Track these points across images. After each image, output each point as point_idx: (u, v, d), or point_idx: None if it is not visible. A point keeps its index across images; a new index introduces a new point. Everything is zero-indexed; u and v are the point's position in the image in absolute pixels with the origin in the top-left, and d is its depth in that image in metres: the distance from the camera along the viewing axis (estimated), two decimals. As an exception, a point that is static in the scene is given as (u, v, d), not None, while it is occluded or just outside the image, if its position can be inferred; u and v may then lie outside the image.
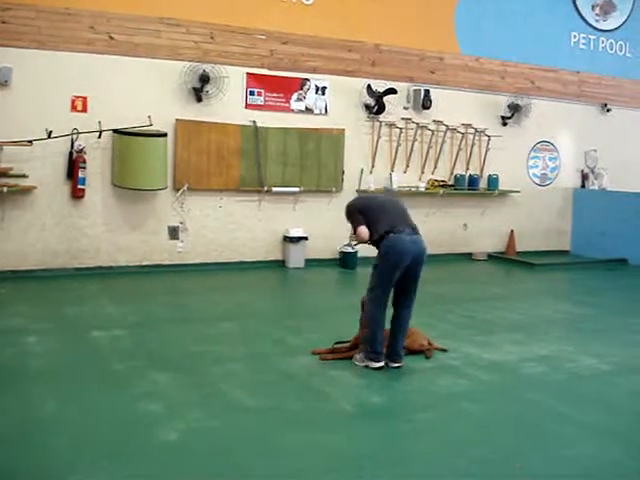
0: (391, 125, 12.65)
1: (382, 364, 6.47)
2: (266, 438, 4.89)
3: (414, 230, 6.65)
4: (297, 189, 11.88)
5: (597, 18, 14.84)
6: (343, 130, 12.27)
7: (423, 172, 13.06)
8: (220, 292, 9.99)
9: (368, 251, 12.38)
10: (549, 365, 6.85)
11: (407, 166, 12.88)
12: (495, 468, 4.58)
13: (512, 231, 14.06)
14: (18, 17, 9.84)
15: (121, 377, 6.08)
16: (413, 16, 12.62)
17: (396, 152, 12.72)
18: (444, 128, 13.11)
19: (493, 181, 13.68)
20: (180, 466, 4.41)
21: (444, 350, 7.08)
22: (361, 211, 6.74)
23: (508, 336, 7.90)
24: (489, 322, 8.59)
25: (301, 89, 11.90)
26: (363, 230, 6.60)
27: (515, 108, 13.68)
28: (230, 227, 11.53)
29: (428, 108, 12.84)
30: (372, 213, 6.70)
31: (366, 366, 6.47)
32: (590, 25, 14.76)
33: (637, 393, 6.23)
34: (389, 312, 6.59)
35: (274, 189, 11.69)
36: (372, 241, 6.64)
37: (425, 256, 6.61)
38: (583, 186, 15.06)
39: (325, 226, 12.13)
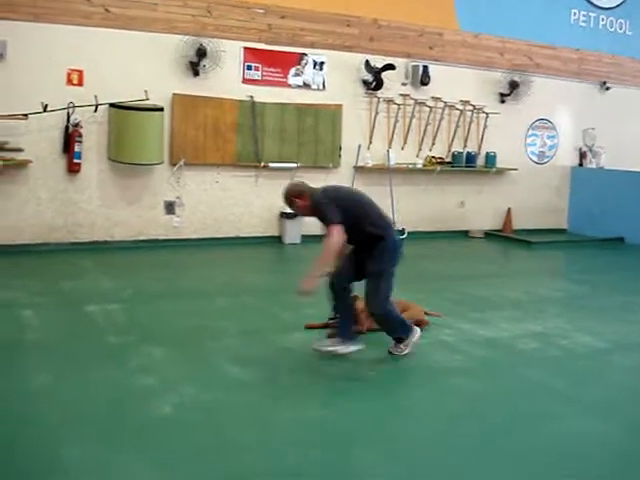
0: (389, 101, 12.58)
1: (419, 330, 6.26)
2: (259, 413, 4.91)
3: None
4: (294, 165, 11.84)
5: (598, -5, 14.73)
6: (341, 106, 12.20)
7: (421, 149, 13.02)
8: (216, 267, 9.99)
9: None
10: (544, 342, 6.86)
11: (405, 142, 12.83)
12: (485, 443, 4.59)
13: (509, 209, 14.04)
14: (13, -11, 9.75)
15: (116, 351, 6.08)
16: (412, -9, 12.53)
17: (394, 128, 12.66)
18: (442, 105, 13.04)
19: (491, 158, 13.64)
20: (173, 439, 4.42)
21: (438, 316, 7.19)
22: (338, 202, 5.76)
23: (503, 313, 7.91)
24: (485, 299, 8.59)
25: (299, 64, 11.82)
26: (339, 232, 5.61)
27: (514, 85, 13.61)
28: (227, 202, 11.50)
29: (426, 84, 12.76)
30: (357, 205, 5.93)
31: (414, 345, 6.17)
32: (590, 2, 14.63)
33: (631, 370, 6.25)
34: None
35: (271, 165, 11.64)
36: (359, 240, 5.90)
37: None
38: (581, 164, 15.02)
39: (322, 202, 12.08)
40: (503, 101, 13.70)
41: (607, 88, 14.97)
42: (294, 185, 6.04)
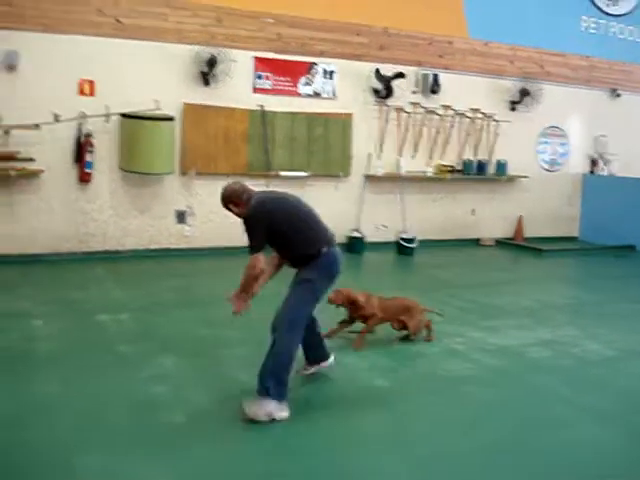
0: (399, 110, 12.59)
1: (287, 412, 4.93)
2: (273, 421, 4.91)
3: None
4: (305, 174, 11.85)
5: (608, 2, 14.70)
6: (351, 114, 12.22)
7: (431, 157, 13.02)
8: (227, 276, 9.90)
9: (378, 235, 12.44)
10: (555, 350, 6.85)
11: (415, 151, 12.84)
12: (497, 450, 4.59)
13: (520, 217, 14.02)
14: None
15: (128, 360, 6.10)
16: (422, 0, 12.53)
17: (404, 137, 12.68)
18: (452, 113, 13.05)
19: (502, 166, 13.62)
20: (185, 448, 4.42)
21: (440, 315, 7.18)
22: (274, 215, 5.16)
23: (514, 321, 7.90)
24: (496, 307, 8.58)
25: (309, 73, 11.85)
26: (259, 261, 5.13)
27: (524, 93, 13.60)
28: (237, 211, 11.49)
29: (436, 92, 12.78)
30: (294, 220, 5.23)
31: (272, 419, 4.84)
32: (600, 9, 14.63)
33: (641, 378, 6.23)
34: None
35: (282, 173, 11.66)
36: (294, 258, 5.34)
37: None
38: (592, 172, 14.99)
39: (332, 211, 11.97)
40: (514, 109, 13.69)
41: (618, 95, 14.95)
42: (230, 188, 5.36)
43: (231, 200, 5.27)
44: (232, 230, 11.41)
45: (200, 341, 6.70)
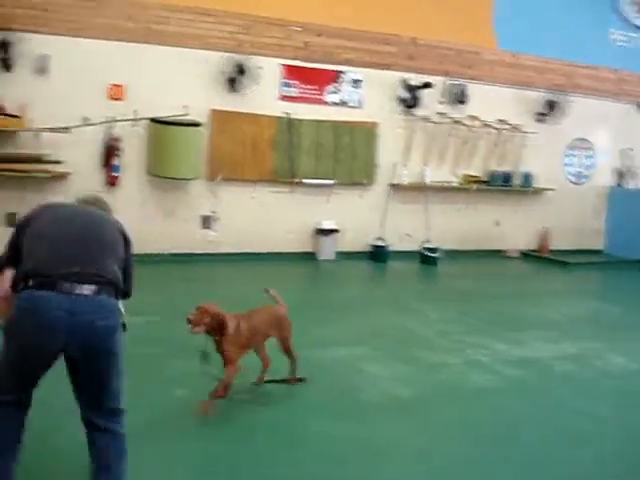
0: (426, 119, 12.59)
1: None
2: (291, 427, 4.92)
3: (97, 281, 3.54)
4: (330, 181, 11.87)
5: (637, 15, 14.62)
6: (377, 123, 12.23)
7: (457, 167, 12.99)
8: (248, 282, 9.94)
9: (402, 245, 12.44)
10: (578, 363, 6.81)
11: (441, 161, 12.82)
12: (520, 465, 4.56)
13: (546, 229, 13.94)
14: (56, 5, 9.93)
15: (151, 362, 6.10)
16: (450, 10, 12.49)
17: (430, 146, 12.66)
18: (479, 123, 13.02)
19: (528, 178, 13.56)
20: (200, 454, 4.43)
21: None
22: (20, 232, 3.69)
23: (538, 333, 7.86)
24: (520, 319, 8.54)
25: (335, 81, 11.88)
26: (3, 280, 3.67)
27: (551, 105, 13.55)
28: (262, 218, 11.54)
29: (463, 103, 12.77)
30: (34, 236, 3.63)
31: None
32: (630, 22, 14.56)
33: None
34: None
35: (307, 181, 11.69)
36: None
37: (108, 343, 3.51)
38: (619, 185, 14.90)
39: (357, 219, 12.12)
40: (541, 120, 13.64)
41: (645, 109, 14.87)
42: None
43: None
44: (257, 236, 11.52)
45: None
